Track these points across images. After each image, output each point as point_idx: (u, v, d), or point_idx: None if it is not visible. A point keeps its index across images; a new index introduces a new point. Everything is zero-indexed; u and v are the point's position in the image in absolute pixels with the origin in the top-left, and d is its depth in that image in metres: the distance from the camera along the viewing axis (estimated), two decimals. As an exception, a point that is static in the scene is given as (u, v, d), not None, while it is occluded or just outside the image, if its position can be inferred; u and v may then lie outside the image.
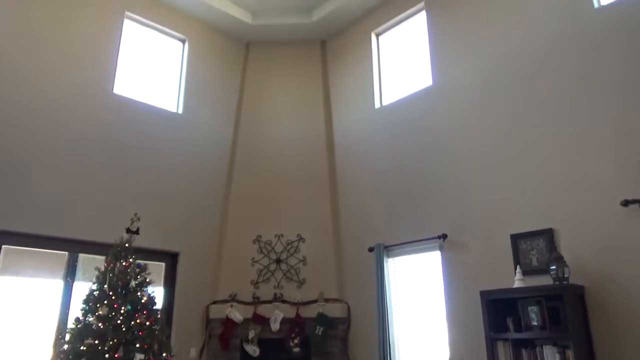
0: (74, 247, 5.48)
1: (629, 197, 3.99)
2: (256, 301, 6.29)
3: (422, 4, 6.36)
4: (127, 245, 4.71)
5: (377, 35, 7.02)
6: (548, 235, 4.45)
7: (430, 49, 6.09)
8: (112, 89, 6.10)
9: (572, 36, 4.72)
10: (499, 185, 4.99)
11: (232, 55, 7.61)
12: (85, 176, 5.64)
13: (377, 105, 6.61)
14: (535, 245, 4.53)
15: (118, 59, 6.27)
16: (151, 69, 6.74)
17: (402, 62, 6.62)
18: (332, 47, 7.62)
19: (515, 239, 4.69)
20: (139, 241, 4.98)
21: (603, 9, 4.57)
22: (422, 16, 6.39)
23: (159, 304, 4.82)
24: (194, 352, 6.09)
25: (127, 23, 6.57)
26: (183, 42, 7.16)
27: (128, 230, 4.84)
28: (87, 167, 5.67)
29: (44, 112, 5.49)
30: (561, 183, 4.51)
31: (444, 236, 5.30)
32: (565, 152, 4.54)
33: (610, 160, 4.21)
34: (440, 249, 5.35)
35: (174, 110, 6.75)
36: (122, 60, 6.39)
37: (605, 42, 4.47)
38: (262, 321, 6.12)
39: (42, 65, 5.60)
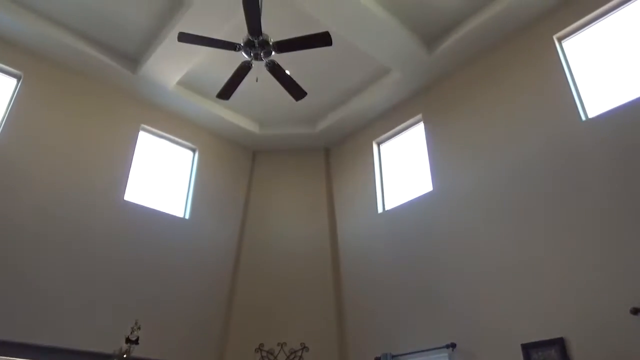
0: (70, 357, 5.29)
1: (638, 305, 3.93)
2: (257, 417, 5.92)
3: (419, 116, 6.76)
4: (125, 356, 4.57)
5: (378, 144, 7.37)
6: (559, 344, 4.31)
7: (429, 157, 6.36)
8: (123, 196, 6.31)
9: (562, 147, 4.96)
10: (505, 291, 4.93)
11: (240, 162, 7.93)
12: (87, 284, 5.61)
13: (379, 210, 6.75)
14: (547, 356, 4.37)
15: (131, 168, 6.56)
16: (161, 176, 7.00)
17: (403, 168, 6.88)
18: (335, 154, 7.96)
19: (527, 348, 4.53)
20: (137, 350, 4.83)
21: (590, 121, 4.85)
22: (421, 127, 6.76)
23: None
24: None
25: (142, 134, 6.96)
26: (193, 151, 7.52)
27: (127, 340, 4.73)
28: (89, 273, 5.67)
29: (53, 217, 5.63)
30: (569, 290, 4.46)
31: (453, 345, 5.12)
32: (570, 258, 4.55)
33: (617, 267, 4.20)
34: (450, 359, 5.15)
35: (180, 215, 6.90)
36: (135, 168, 6.68)
37: (594, 153, 4.68)
38: None
39: (59, 170, 5.86)
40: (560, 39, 5.50)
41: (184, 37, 4.23)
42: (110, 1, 5.60)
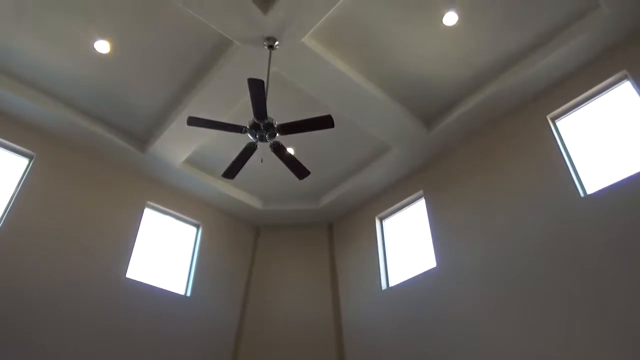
0: None
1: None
2: None
3: (421, 192, 6.86)
4: None
5: (381, 220, 7.41)
6: None
7: (431, 233, 6.38)
8: (125, 274, 6.27)
9: (563, 224, 4.98)
10: (515, 373, 4.76)
11: (243, 238, 7.94)
12: (86, 365, 5.47)
13: (383, 286, 6.66)
14: None
15: (134, 246, 6.57)
16: (164, 253, 7.00)
17: (406, 244, 6.87)
18: (339, 229, 7.99)
19: None
20: None
21: (589, 197, 4.91)
22: (422, 203, 6.84)
23: None
24: None
25: (147, 211, 7.05)
26: (197, 226, 7.56)
27: None
28: (88, 352, 5.52)
29: (55, 296, 5.57)
30: (580, 372, 4.31)
31: None
32: (573, 338, 4.42)
33: (621, 348, 4.09)
34: None
35: (182, 293, 6.81)
36: (138, 245, 6.70)
37: (595, 229, 4.69)
38: None
39: (64, 249, 5.87)
40: (553, 119, 5.70)
41: (193, 121, 4.42)
42: (122, 85, 5.90)
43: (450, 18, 5.11)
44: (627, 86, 5.18)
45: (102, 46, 5.36)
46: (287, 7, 4.75)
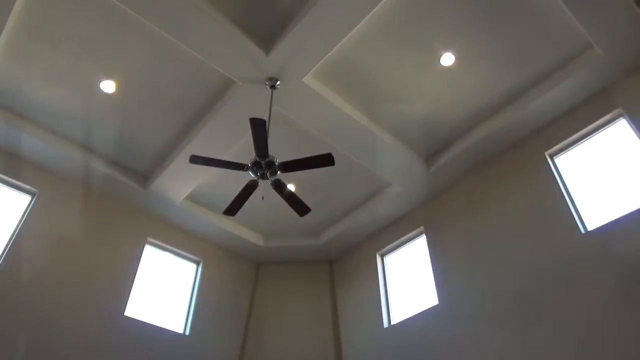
0: None
1: None
2: None
3: (422, 228, 6.85)
4: None
5: (382, 256, 7.38)
6: None
7: (432, 270, 6.33)
8: (124, 312, 6.20)
9: (564, 261, 4.97)
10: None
11: (243, 275, 7.88)
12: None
13: (385, 324, 6.56)
14: None
15: (134, 283, 6.52)
16: (164, 290, 6.93)
17: (408, 280, 6.81)
18: (339, 266, 7.93)
19: None
20: None
21: (589, 234, 4.91)
22: (423, 239, 6.82)
23: None
24: None
25: (147, 248, 7.02)
26: (197, 263, 7.52)
27: None
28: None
29: (52, 333, 5.50)
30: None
31: None
32: (585, 378, 4.35)
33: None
34: None
35: (180, 331, 6.71)
36: (138, 282, 6.64)
37: (596, 266, 4.67)
38: None
39: (63, 287, 5.83)
40: (551, 156, 5.76)
41: (195, 159, 4.47)
42: (126, 124, 5.98)
43: (448, 59, 5.24)
44: (623, 124, 5.26)
45: (108, 86, 5.48)
46: (289, 49, 4.89)
